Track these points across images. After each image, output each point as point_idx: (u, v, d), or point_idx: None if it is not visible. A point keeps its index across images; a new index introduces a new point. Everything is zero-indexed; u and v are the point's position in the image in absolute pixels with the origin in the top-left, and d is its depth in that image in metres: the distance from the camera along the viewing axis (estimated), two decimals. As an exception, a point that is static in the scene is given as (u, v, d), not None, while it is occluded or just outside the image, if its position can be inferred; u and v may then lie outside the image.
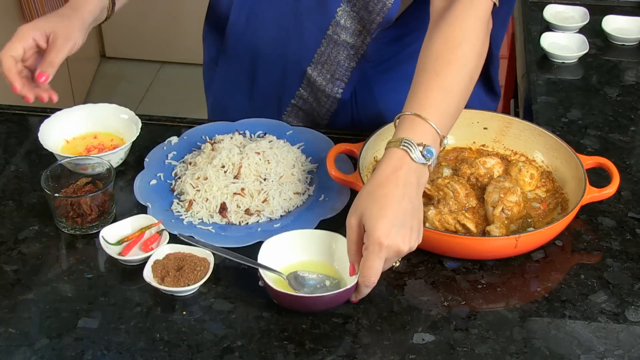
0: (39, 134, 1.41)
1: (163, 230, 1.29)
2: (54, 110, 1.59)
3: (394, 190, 1.15)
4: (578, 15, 1.98)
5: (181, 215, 1.33)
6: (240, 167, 1.36)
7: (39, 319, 1.17)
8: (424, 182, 1.20)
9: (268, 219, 1.33)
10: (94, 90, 3.81)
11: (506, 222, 1.30)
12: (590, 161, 1.37)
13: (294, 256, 1.24)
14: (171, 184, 1.40)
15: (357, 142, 1.38)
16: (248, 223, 1.32)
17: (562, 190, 1.38)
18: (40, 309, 1.19)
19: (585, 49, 1.84)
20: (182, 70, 3.95)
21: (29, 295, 1.21)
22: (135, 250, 1.27)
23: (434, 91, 1.22)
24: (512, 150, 1.46)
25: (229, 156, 1.37)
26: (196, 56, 1.75)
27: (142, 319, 1.17)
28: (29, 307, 1.19)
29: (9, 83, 1.34)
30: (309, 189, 1.38)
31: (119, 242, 1.27)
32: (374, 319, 1.17)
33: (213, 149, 1.41)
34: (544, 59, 1.85)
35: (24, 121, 1.58)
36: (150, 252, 1.24)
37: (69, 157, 1.38)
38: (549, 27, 1.96)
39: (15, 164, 1.47)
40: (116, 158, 1.42)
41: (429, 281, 1.24)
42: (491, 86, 1.64)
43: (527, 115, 1.68)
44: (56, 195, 1.30)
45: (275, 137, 1.47)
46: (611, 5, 2.06)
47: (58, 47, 1.35)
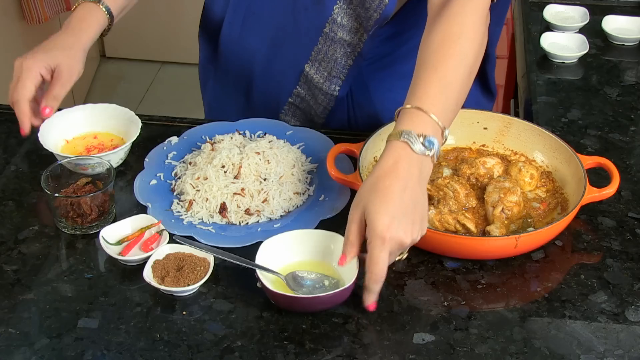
0: (39, 134, 1.41)
1: (163, 230, 1.29)
2: (54, 111, 1.59)
3: (395, 182, 1.15)
4: (578, 15, 1.98)
5: (181, 215, 1.33)
6: (240, 167, 1.36)
7: (39, 319, 1.17)
8: (427, 173, 1.19)
9: (268, 219, 1.33)
10: (94, 90, 3.81)
11: (506, 222, 1.30)
12: (590, 161, 1.37)
13: (293, 256, 1.24)
14: (171, 184, 1.40)
15: (357, 142, 1.38)
16: (248, 223, 1.32)
17: (562, 190, 1.38)
18: (40, 309, 1.19)
19: (585, 49, 1.84)
20: (182, 70, 3.95)
21: (28, 295, 1.21)
22: (135, 250, 1.27)
23: (433, 84, 1.22)
24: (512, 150, 1.46)
25: (229, 156, 1.37)
26: (196, 56, 1.75)
27: (142, 319, 1.17)
28: (29, 307, 1.19)
29: (20, 124, 1.37)
30: (309, 189, 1.38)
31: (119, 242, 1.27)
32: (374, 319, 1.17)
33: (213, 149, 1.41)
34: (544, 59, 1.85)
35: (24, 121, 1.58)
36: (150, 252, 1.24)
37: (69, 157, 1.38)
38: (549, 27, 1.96)
39: (15, 164, 1.47)
40: (116, 158, 1.42)
41: (429, 281, 1.24)
42: (487, 85, 1.64)
43: (527, 115, 1.68)
44: (56, 195, 1.30)
45: (275, 137, 1.47)
46: (611, 5, 2.06)
47: (63, 81, 1.38)
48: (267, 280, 1.17)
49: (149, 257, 1.23)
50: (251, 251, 1.21)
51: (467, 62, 1.24)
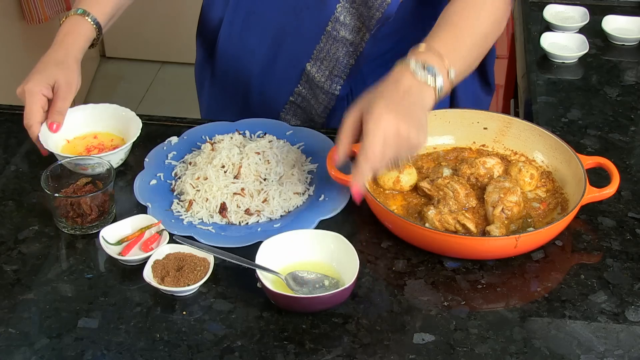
0: (39, 134, 1.41)
1: (163, 230, 1.29)
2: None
3: (395, 90, 1.20)
4: (578, 15, 1.98)
5: (181, 215, 1.33)
6: (240, 167, 1.36)
7: (39, 319, 1.17)
8: (428, 103, 1.22)
9: (268, 219, 1.33)
10: (94, 90, 3.81)
11: (506, 222, 1.30)
12: (590, 161, 1.36)
13: (293, 256, 1.24)
14: (171, 184, 1.40)
15: (357, 142, 1.38)
16: (248, 223, 1.32)
17: (562, 190, 1.38)
18: (40, 309, 1.19)
19: (585, 49, 1.84)
20: (182, 70, 3.94)
21: (28, 295, 1.21)
22: (135, 250, 1.27)
23: (446, 34, 1.28)
24: (512, 150, 1.46)
25: (228, 156, 1.37)
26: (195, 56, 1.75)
27: (142, 319, 1.17)
28: (29, 307, 1.19)
29: (39, 147, 1.41)
30: (308, 189, 1.38)
31: (119, 242, 1.27)
32: (374, 319, 1.17)
33: (213, 149, 1.41)
34: (544, 59, 1.85)
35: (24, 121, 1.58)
36: (150, 252, 1.24)
37: (69, 157, 1.38)
38: (549, 27, 1.96)
39: (15, 164, 1.47)
40: (116, 158, 1.42)
41: (429, 281, 1.24)
42: (486, 79, 1.65)
43: (527, 115, 1.68)
44: (56, 195, 1.30)
45: (275, 137, 1.47)
46: (611, 5, 2.06)
47: (63, 96, 1.42)
48: (267, 280, 1.17)
49: (149, 257, 1.23)
50: (251, 251, 1.21)
51: (483, 26, 1.30)
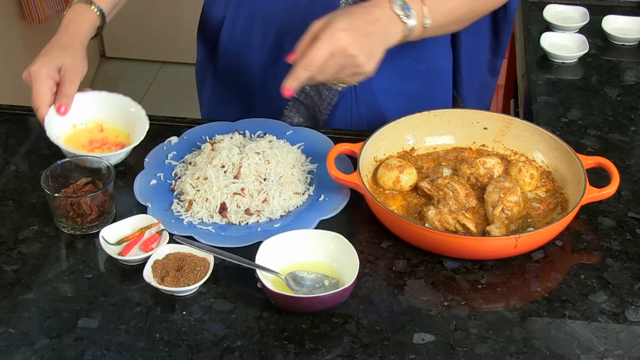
0: (45, 118, 1.40)
1: (163, 230, 1.29)
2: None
3: (362, 17, 1.26)
4: (578, 15, 1.98)
5: (181, 215, 1.33)
6: (240, 167, 1.36)
7: (38, 319, 1.17)
8: (392, 37, 1.29)
9: (268, 219, 1.33)
10: (94, 90, 3.81)
11: (506, 222, 1.30)
12: (590, 161, 1.36)
13: (293, 256, 1.24)
14: (171, 184, 1.40)
15: (357, 142, 1.38)
16: (248, 223, 1.32)
17: (562, 190, 1.38)
18: (40, 309, 1.19)
19: (585, 49, 1.84)
20: (182, 70, 3.95)
21: (28, 295, 1.21)
22: (135, 250, 1.27)
23: None
24: (512, 150, 1.46)
25: (228, 156, 1.37)
26: (195, 56, 1.75)
27: (142, 319, 1.17)
28: (29, 307, 1.19)
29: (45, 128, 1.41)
30: (308, 189, 1.38)
31: (119, 242, 1.27)
32: (374, 319, 1.17)
33: (213, 149, 1.41)
34: (544, 59, 1.85)
35: (24, 121, 1.58)
36: (150, 252, 1.24)
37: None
38: (549, 27, 1.96)
39: (15, 164, 1.47)
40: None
41: (429, 281, 1.24)
42: (497, 41, 1.69)
43: (527, 115, 1.68)
44: (56, 195, 1.30)
45: (275, 137, 1.47)
46: (611, 5, 2.06)
47: (70, 79, 1.41)
48: (267, 280, 1.17)
49: (149, 257, 1.23)
50: (251, 251, 1.21)
51: None
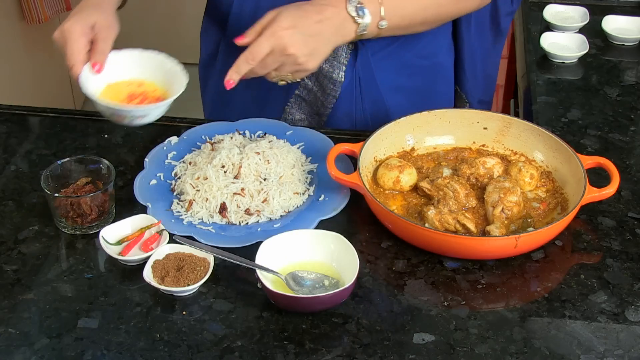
0: (80, 76, 1.34)
1: (163, 230, 1.29)
2: (53, 110, 1.59)
3: (311, 16, 1.30)
4: (578, 15, 1.98)
5: (181, 215, 1.33)
6: (240, 167, 1.36)
7: (38, 319, 1.17)
8: (344, 36, 1.32)
9: (268, 219, 1.33)
10: (94, 91, 3.80)
11: (506, 222, 1.30)
12: (590, 161, 1.37)
13: (293, 256, 1.24)
14: (171, 184, 1.40)
15: (357, 142, 1.38)
16: (248, 223, 1.32)
17: (562, 190, 1.38)
18: (40, 309, 1.19)
19: (585, 49, 1.84)
20: (182, 71, 3.94)
21: (28, 295, 1.21)
22: (135, 250, 1.27)
23: None
24: (512, 150, 1.46)
25: (228, 156, 1.37)
26: (196, 56, 1.75)
27: (142, 319, 1.17)
28: (29, 307, 1.19)
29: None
30: (308, 189, 1.38)
31: (119, 242, 1.27)
32: (374, 319, 1.17)
33: (213, 149, 1.41)
34: (544, 59, 1.85)
35: (24, 121, 1.58)
36: (150, 252, 1.24)
37: (109, 107, 1.31)
38: (549, 27, 1.96)
39: (15, 164, 1.47)
40: (157, 113, 1.34)
41: (429, 281, 1.24)
42: (497, 23, 1.69)
43: (527, 115, 1.68)
44: (56, 195, 1.30)
45: (275, 137, 1.47)
46: (611, 5, 2.06)
47: (104, 37, 1.40)
48: (267, 280, 1.17)
49: (149, 257, 1.23)
50: (251, 251, 1.21)
51: None
